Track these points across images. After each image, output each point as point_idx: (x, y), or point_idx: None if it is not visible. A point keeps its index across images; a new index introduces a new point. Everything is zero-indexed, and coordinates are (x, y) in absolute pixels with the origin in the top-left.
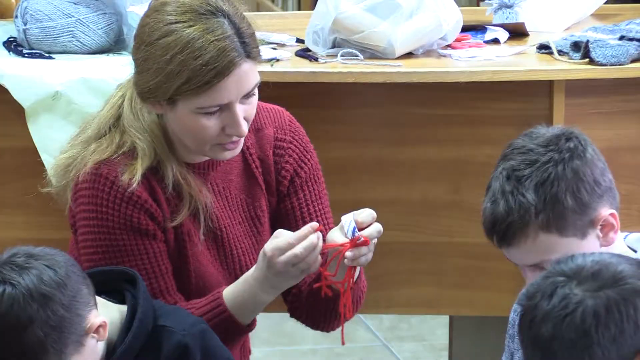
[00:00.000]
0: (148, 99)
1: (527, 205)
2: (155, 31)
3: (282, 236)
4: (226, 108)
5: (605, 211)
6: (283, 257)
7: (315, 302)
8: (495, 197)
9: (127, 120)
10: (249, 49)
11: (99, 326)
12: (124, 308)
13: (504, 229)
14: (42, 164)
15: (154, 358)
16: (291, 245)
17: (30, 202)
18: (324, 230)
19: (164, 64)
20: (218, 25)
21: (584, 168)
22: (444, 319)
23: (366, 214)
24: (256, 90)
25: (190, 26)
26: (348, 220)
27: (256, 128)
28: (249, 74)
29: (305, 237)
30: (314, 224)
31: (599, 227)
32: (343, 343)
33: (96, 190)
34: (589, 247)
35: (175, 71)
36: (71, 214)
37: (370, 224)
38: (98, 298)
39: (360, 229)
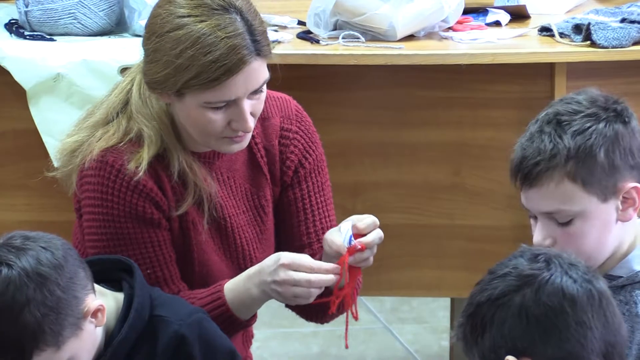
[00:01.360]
0: (156, 89)
1: (560, 148)
2: (166, 23)
3: (306, 257)
4: (233, 103)
5: (631, 184)
6: (295, 274)
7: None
8: (532, 136)
9: (135, 106)
10: (259, 47)
11: (97, 310)
12: (119, 296)
13: (531, 167)
14: (44, 146)
15: (151, 348)
16: (310, 269)
17: (31, 184)
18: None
19: (174, 57)
20: (230, 21)
21: (624, 132)
22: (446, 301)
23: (368, 222)
24: (264, 86)
25: (202, 21)
26: (346, 228)
27: (262, 117)
28: (258, 72)
29: (326, 271)
30: (337, 267)
31: (621, 198)
32: (347, 347)
33: (102, 178)
34: (606, 213)
35: (184, 65)
36: (76, 199)
37: (372, 230)
38: (95, 285)
39: (361, 235)
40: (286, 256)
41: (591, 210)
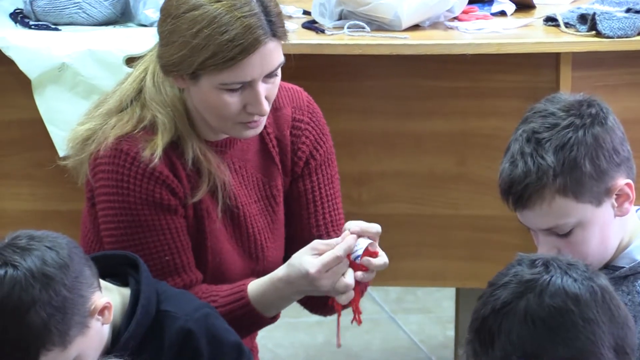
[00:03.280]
0: (171, 72)
1: (545, 168)
2: (182, 4)
3: (322, 251)
4: (249, 86)
5: (622, 180)
6: (333, 276)
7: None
8: (514, 159)
9: (148, 94)
10: (275, 28)
11: (104, 308)
12: (125, 291)
13: (520, 191)
14: (49, 136)
15: (158, 344)
16: (338, 259)
17: (36, 173)
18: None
19: (190, 37)
20: (246, 2)
21: (604, 135)
22: (451, 291)
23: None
24: (279, 71)
25: (218, 1)
26: (361, 246)
27: (274, 107)
28: (274, 53)
29: (348, 247)
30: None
31: (614, 196)
32: (339, 345)
33: (117, 166)
34: (603, 215)
35: (201, 45)
36: (89, 187)
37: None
38: (100, 281)
39: (372, 253)
40: (311, 265)
41: (588, 217)
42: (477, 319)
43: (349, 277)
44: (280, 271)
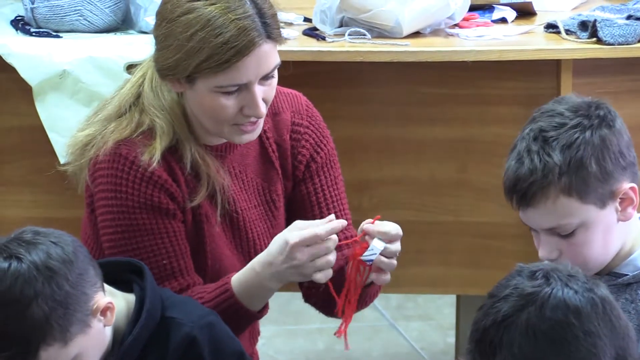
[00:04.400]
0: (167, 76)
1: (551, 166)
2: (176, 8)
3: (306, 227)
4: (245, 88)
5: (627, 184)
6: (310, 249)
7: (331, 294)
8: (521, 156)
9: (147, 99)
10: (269, 30)
11: (107, 309)
12: (130, 297)
13: (525, 188)
14: (50, 143)
15: (162, 350)
16: (319, 238)
17: (37, 180)
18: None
19: (184, 40)
20: (240, 4)
21: (611, 137)
22: (451, 298)
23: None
24: (275, 73)
25: (212, 4)
26: (377, 249)
27: (273, 112)
28: (269, 55)
29: (332, 230)
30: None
31: (618, 199)
32: (347, 348)
33: (115, 170)
34: (606, 218)
35: (196, 48)
36: (88, 192)
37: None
38: (105, 286)
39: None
40: (292, 236)
41: (591, 218)
42: (477, 330)
43: (332, 256)
44: (261, 254)
